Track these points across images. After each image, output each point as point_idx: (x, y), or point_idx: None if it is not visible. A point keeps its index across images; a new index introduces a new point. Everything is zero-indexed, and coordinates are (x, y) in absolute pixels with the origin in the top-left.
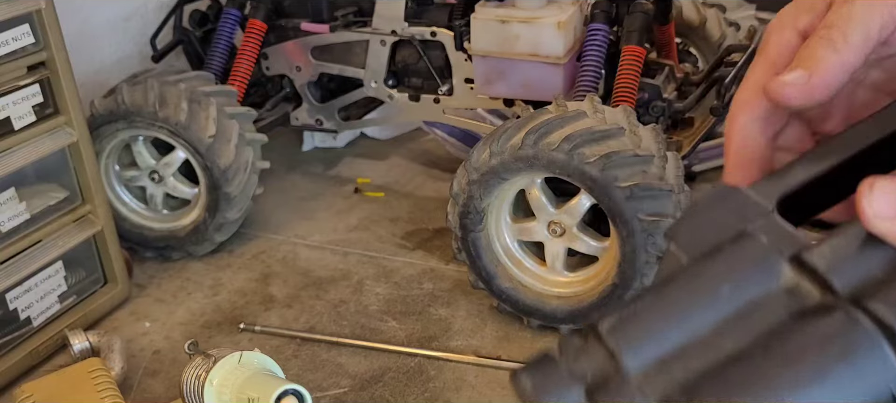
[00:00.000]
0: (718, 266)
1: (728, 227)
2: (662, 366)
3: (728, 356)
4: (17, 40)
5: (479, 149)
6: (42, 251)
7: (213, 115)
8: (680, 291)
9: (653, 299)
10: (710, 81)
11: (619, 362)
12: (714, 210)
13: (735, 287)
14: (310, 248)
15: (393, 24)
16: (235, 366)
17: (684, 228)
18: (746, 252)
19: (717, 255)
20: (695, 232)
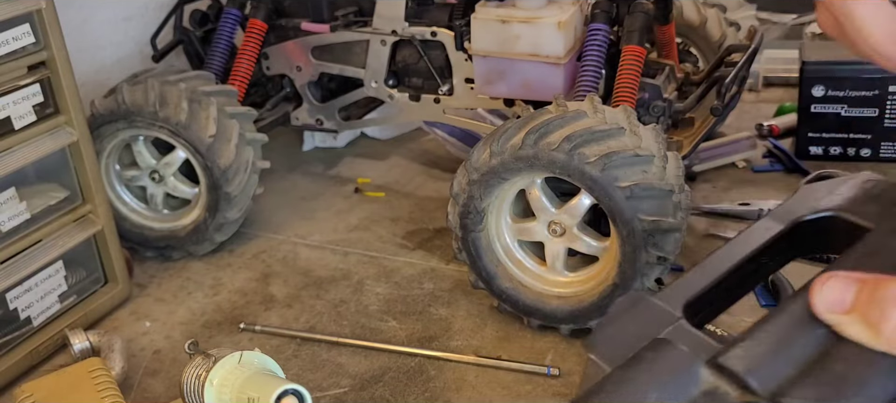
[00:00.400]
0: (642, 374)
1: (643, 335)
2: None
3: None
4: (18, 40)
5: (480, 149)
6: (42, 251)
7: (213, 115)
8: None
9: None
10: (710, 81)
11: None
12: (627, 319)
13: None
14: (310, 248)
15: (393, 23)
16: (235, 366)
17: (601, 339)
18: (667, 359)
19: (640, 363)
20: (612, 342)
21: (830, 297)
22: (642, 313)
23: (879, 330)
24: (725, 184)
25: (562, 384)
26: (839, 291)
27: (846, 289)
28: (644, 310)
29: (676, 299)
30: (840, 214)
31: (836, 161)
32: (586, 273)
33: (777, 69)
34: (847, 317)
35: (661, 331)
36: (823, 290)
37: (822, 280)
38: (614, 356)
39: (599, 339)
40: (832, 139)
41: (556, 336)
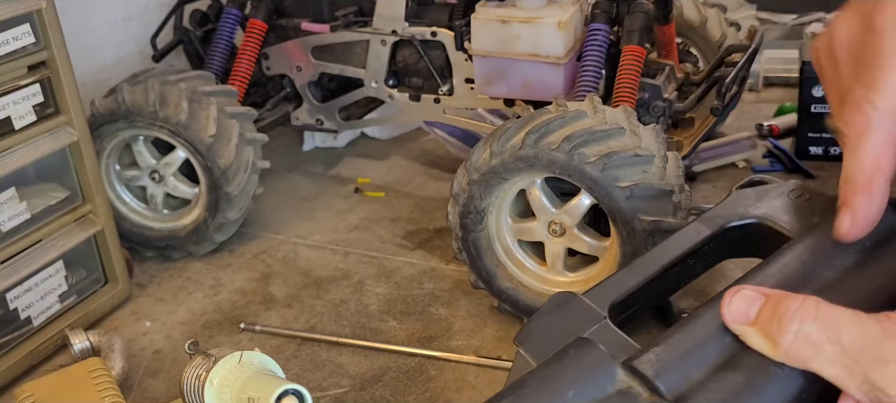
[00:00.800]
0: (564, 371)
1: (569, 333)
2: None
3: None
4: (18, 40)
5: (480, 149)
6: (42, 250)
7: (213, 115)
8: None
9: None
10: (710, 81)
11: None
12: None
13: (578, 391)
14: (310, 248)
15: (393, 23)
16: (236, 366)
17: (531, 334)
18: (587, 358)
19: (562, 360)
20: (541, 338)
21: (737, 309)
22: (571, 311)
23: (777, 343)
24: (725, 184)
25: None
26: (746, 304)
27: (752, 302)
28: (573, 308)
29: (603, 298)
30: (764, 222)
31: (836, 161)
32: (586, 273)
33: (777, 69)
34: (751, 329)
35: (586, 330)
36: (732, 302)
37: (732, 292)
38: (541, 351)
39: (529, 334)
40: (832, 139)
41: None
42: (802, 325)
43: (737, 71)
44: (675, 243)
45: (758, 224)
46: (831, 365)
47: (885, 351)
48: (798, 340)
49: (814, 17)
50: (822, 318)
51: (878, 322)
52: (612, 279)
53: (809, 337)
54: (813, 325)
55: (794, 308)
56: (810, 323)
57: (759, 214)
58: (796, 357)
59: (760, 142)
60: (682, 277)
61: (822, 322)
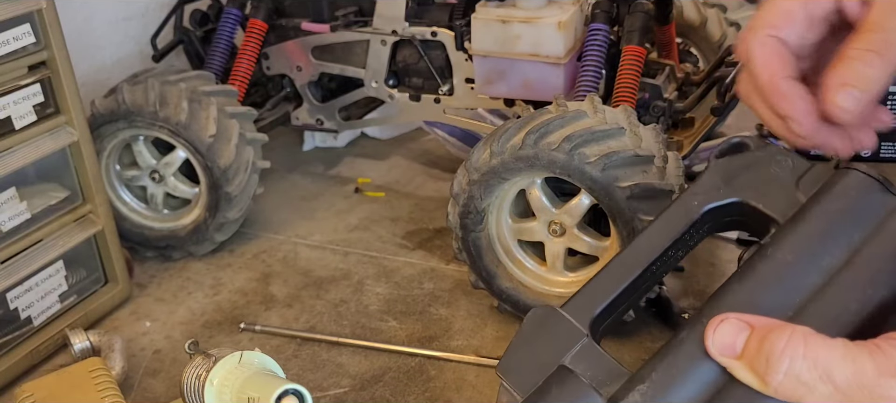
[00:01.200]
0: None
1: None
2: None
3: None
4: (18, 40)
5: (480, 149)
6: (43, 250)
7: (213, 115)
8: None
9: None
10: (710, 81)
11: None
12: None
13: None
14: (310, 248)
15: (393, 23)
16: (236, 366)
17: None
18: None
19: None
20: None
21: (722, 341)
22: (552, 331)
23: (766, 379)
24: None
25: None
26: (731, 335)
27: (738, 334)
28: (553, 327)
29: (584, 313)
30: (747, 202)
31: None
32: (586, 273)
33: None
34: (738, 363)
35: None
36: (716, 334)
37: (715, 322)
38: (524, 383)
39: (511, 363)
40: None
41: None
42: (792, 364)
43: (737, 70)
44: (655, 237)
45: (739, 203)
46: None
47: (880, 389)
48: (788, 379)
49: None
50: (811, 356)
51: (871, 355)
52: (592, 286)
53: (800, 378)
54: (803, 364)
55: (782, 344)
56: (800, 362)
57: (739, 193)
58: (788, 396)
59: None
60: (663, 269)
61: (812, 360)
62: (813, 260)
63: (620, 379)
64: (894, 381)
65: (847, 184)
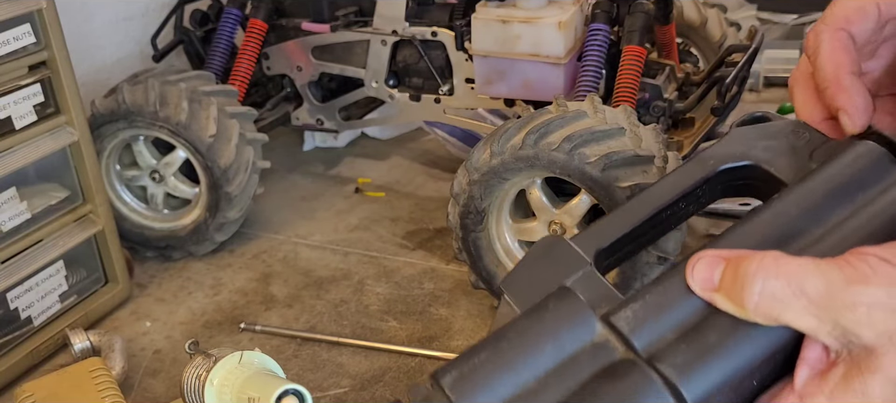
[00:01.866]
0: (543, 324)
1: (553, 280)
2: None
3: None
4: (18, 40)
5: (480, 149)
6: (43, 250)
7: (213, 115)
8: (511, 348)
9: (488, 354)
10: (710, 81)
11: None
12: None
13: (556, 344)
14: (310, 248)
15: (394, 23)
16: (236, 366)
17: (516, 280)
18: (566, 309)
19: (543, 312)
20: (525, 284)
21: (701, 276)
22: (557, 257)
23: (744, 305)
24: None
25: None
26: (708, 270)
27: (714, 268)
28: (559, 254)
29: (590, 244)
30: (760, 165)
31: None
32: None
33: (778, 69)
34: (717, 294)
35: (571, 277)
36: (694, 270)
37: (694, 260)
38: (525, 298)
39: (514, 280)
40: None
41: None
42: (766, 283)
43: (737, 71)
44: (668, 186)
45: (752, 166)
46: (801, 318)
47: (851, 296)
48: (764, 299)
49: (814, 17)
50: (784, 273)
51: (840, 268)
52: (601, 224)
53: (775, 295)
54: (776, 282)
55: (754, 267)
56: (773, 280)
57: (754, 156)
58: (766, 315)
59: None
60: (672, 220)
61: (785, 277)
62: (814, 213)
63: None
64: (862, 287)
65: (858, 151)
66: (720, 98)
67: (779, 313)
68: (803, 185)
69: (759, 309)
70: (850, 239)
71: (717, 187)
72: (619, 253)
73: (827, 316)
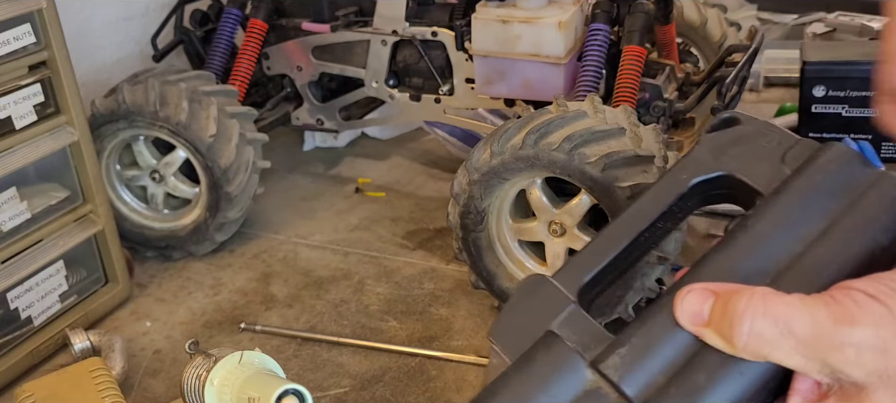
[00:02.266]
0: (532, 374)
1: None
2: None
3: None
4: (18, 40)
5: (480, 149)
6: (43, 250)
7: (213, 115)
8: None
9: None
10: (711, 81)
11: None
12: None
13: (549, 395)
14: (311, 248)
15: (394, 23)
16: (236, 366)
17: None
18: (555, 358)
19: (532, 362)
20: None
21: (690, 310)
22: (541, 298)
23: (732, 341)
24: None
25: None
26: (697, 304)
27: (703, 302)
28: (543, 295)
29: (573, 281)
30: (733, 175)
31: None
32: None
33: (778, 69)
34: (706, 329)
35: (556, 318)
36: (683, 304)
37: (682, 293)
38: (513, 346)
39: (501, 328)
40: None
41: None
42: (754, 323)
43: (737, 71)
44: (643, 209)
45: (725, 177)
46: (790, 357)
47: (839, 337)
48: (752, 338)
49: (814, 17)
50: (771, 313)
51: (826, 306)
52: (581, 257)
53: (763, 335)
54: (764, 321)
55: (743, 306)
56: (761, 320)
57: (726, 165)
58: (755, 353)
59: None
60: (651, 241)
61: (773, 317)
62: (791, 229)
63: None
64: (849, 328)
65: (829, 157)
66: (720, 98)
67: (767, 352)
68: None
69: (747, 348)
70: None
71: (692, 200)
72: (602, 284)
73: (815, 355)
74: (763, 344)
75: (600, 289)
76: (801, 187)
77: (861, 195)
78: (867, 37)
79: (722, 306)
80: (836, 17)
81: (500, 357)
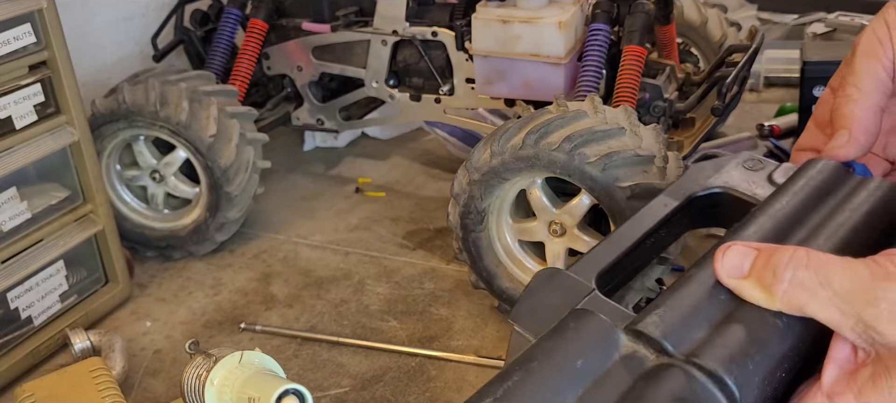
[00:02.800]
0: (567, 342)
1: (562, 306)
2: None
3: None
4: (19, 39)
5: (480, 149)
6: (43, 250)
7: (213, 115)
8: (542, 368)
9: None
10: (711, 81)
11: None
12: (545, 292)
13: (586, 360)
14: (311, 248)
15: (394, 23)
16: (236, 366)
17: (524, 311)
18: (588, 327)
19: (564, 332)
20: (535, 314)
21: (731, 263)
22: (560, 286)
23: (772, 292)
24: None
25: None
26: (739, 258)
27: (744, 257)
28: (561, 283)
29: (589, 272)
30: (727, 190)
31: None
32: None
33: (778, 69)
34: (746, 282)
35: (578, 302)
36: (725, 258)
37: (724, 248)
38: (537, 327)
39: (522, 311)
40: None
41: None
42: (796, 273)
43: (737, 71)
44: (647, 215)
45: (721, 193)
46: (826, 309)
47: (875, 292)
48: (793, 287)
49: (814, 17)
50: (813, 265)
51: (866, 265)
52: (593, 253)
53: (803, 284)
54: (805, 272)
55: (787, 258)
56: (803, 271)
57: (721, 184)
58: (792, 303)
59: (761, 143)
60: (653, 250)
61: (814, 268)
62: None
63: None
64: (887, 284)
65: (817, 167)
66: (720, 98)
67: (804, 302)
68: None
69: (786, 297)
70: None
71: (689, 216)
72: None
73: (850, 309)
74: (801, 293)
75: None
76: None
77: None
78: None
79: (765, 258)
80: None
81: (523, 336)
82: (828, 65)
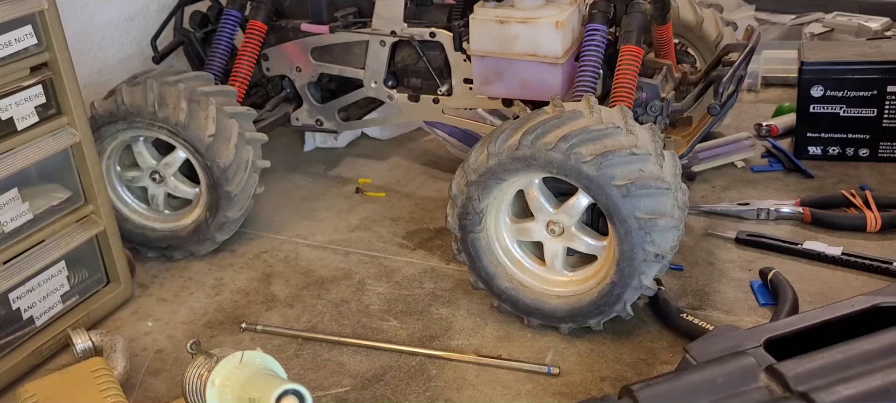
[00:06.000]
0: (718, 367)
1: (728, 349)
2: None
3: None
4: (20, 41)
5: (477, 150)
6: (45, 251)
7: (212, 115)
8: (691, 377)
9: (675, 379)
10: (707, 81)
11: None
12: (718, 339)
13: (725, 380)
14: (311, 248)
15: (392, 24)
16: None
17: (698, 346)
18: (736, 361)
19: (718, 360)
20: (704, 349)
21: None
22: (732, 337)
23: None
24: (724, 183)
25: (562, 383)
26: None
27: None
28: (734, 336)
29: (761, 333)
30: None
31: (834, 160)
32: (585, 272)
33: (776, 69)
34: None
35: (745, 347)
36: None
37: None
38: (703, 356)
39: (696, 346)
40: (831, 139)
41: (555, 336)
42: None
43: (734, 69)
44: (832, 310)
45: None
46: None
47: None
48: None
49: (812, 18)
50: None
51: None
52: (769, 324)
53: None
54: None
55: None
56: None
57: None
58: None
59: (759, 142)
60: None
61: None
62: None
63: None
64: None
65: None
66: (717, 97)
67: None
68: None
69: None
70: None
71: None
72: (786, 348)
73: None
74: None
75: (783, 352)
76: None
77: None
78: (865, 37)
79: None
80: (834, 17)
81: (690, 360)
82: (826, 65)
